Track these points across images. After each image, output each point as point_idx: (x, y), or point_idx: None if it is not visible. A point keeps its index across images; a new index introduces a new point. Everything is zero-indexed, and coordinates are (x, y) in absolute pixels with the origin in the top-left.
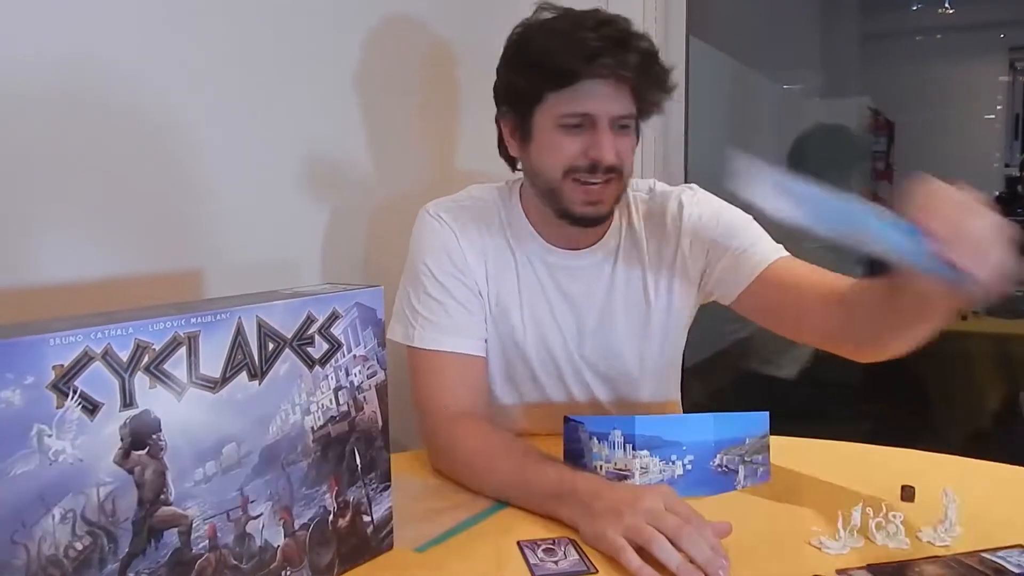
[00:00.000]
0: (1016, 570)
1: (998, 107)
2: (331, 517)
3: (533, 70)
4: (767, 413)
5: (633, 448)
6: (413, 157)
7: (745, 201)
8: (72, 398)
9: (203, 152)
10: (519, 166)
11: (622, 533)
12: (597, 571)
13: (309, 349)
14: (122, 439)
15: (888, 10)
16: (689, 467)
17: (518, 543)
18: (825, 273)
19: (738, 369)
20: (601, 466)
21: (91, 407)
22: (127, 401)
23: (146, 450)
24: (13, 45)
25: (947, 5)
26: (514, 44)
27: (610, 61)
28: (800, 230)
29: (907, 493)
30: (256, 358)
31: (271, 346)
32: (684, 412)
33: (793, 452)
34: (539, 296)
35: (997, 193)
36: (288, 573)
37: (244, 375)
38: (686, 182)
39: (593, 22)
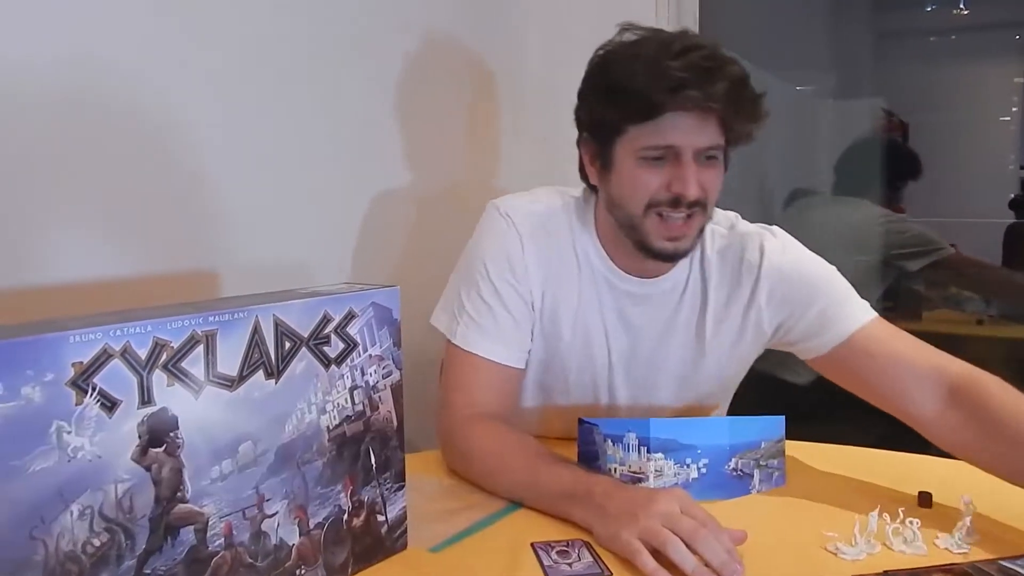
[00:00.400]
0: None
1: (1013, 109)
2: (346, 516)
3: (614, 101)
4: (783, 417)
5: (648, 451)
6: (431, 157)
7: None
8: (91, 395)
9: (220, 152)
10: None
11: (637, 535)
12: (611, 574)
13: (325, 348)
14: (140, 436)
15: (902, 10)
16: (704, 470)
17: (532, 544)
18: (923, 348)
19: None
20: (615, 468)
21: (109, 404)
22: (145, 399)
23: (163, 447)
24: (31, 47)
25: (962, 5)
26: (595, 70)
27: (695, 93)
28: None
29: (924, 499)
30: (273, 357)
31: (288, 345)
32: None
33: (809, 457)
34: (595, 316)
35: (1012, 196)
36: (303, 572)
37: (261, 374)
38: None
39: (678, 48)
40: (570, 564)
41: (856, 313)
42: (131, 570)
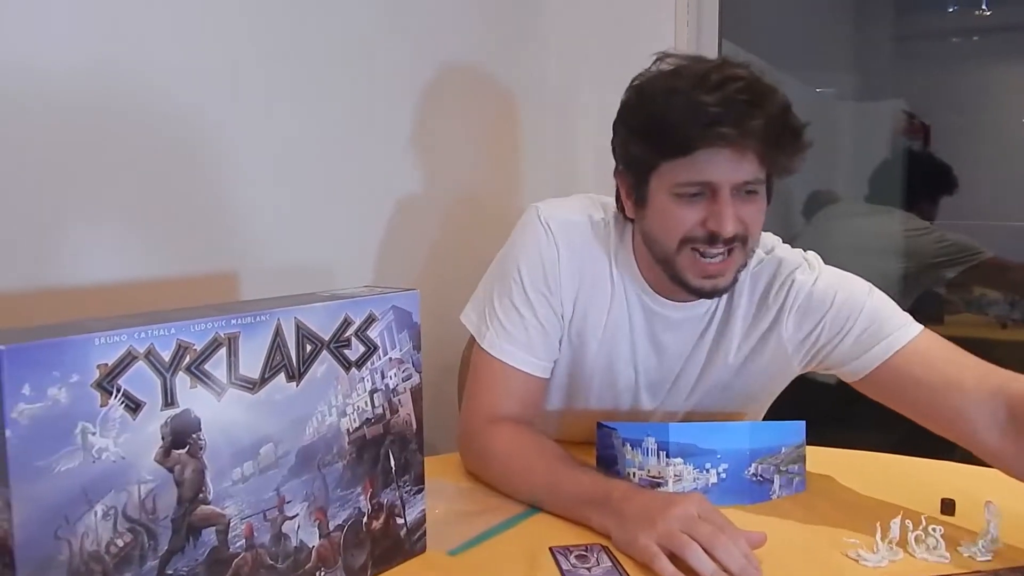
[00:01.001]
0: None
1: None
2: (365, 519)
3: (647, 136)
4: (803, 422)
5: (667, 455)
6: (452, 162)
7: None
8: (115, 397)
9: (243, 156)
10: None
11: (655, 540)
12: None
13: (346, 351)
14: (163, 438)
15: (923, 12)
16: (723, 476)
17: (551, 549)
18: (975, 366)
19: None
20: (634, 473)
21: (134, 406)
22: (168, 400)
23: (186, 449)
24: (59, 55)
25: (984, 6)
26: (629, 103)
27: (730, 131)
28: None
29: (947, 506)
30: (294, 359)
31: (309, 348)
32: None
33: (830, 463)
34: (624, 335)
35: None
36: (322, 574)
37: (282, 376)
38: None
39: (715, 81)
40: (589, 569)
41: (898, 332)
42: (153, 570)
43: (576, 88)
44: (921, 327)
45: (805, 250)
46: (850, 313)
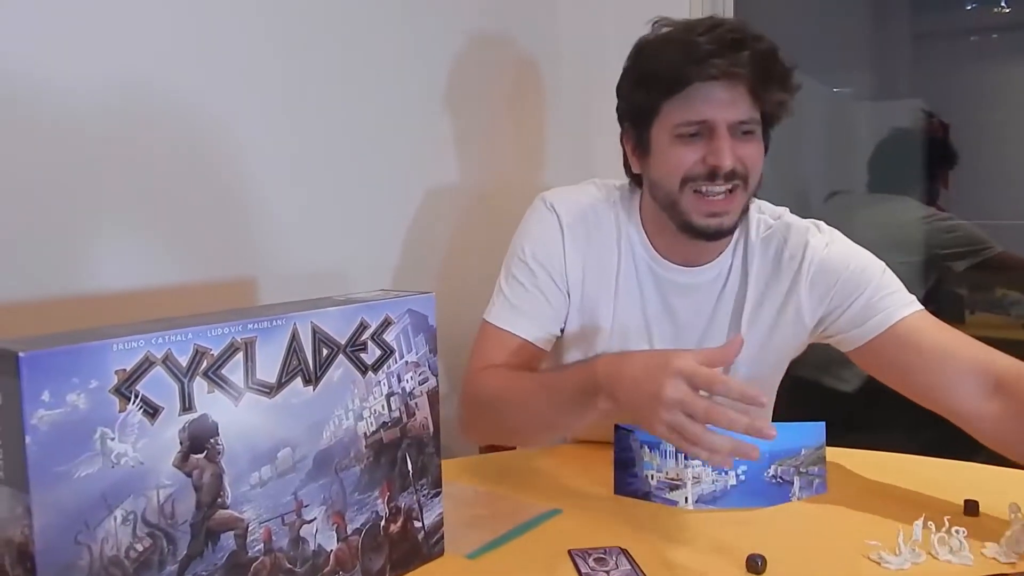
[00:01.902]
0: None
1: None
2: (383, 522)
3: (646, 82)
4: (823, 424)
5: (685, 457)
6: (469, 163)
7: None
8: (134, 402)
9: (259, 161)
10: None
11: (663, 435)
12: None
13: (362, 355)
14: (181, 443)
15: (941, 9)
16: (743, 477)
17: (569, 551)
18: (969, 342)
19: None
20: (652, 475)
21: (152, 411)
22: (186, 405)
23: (204, 454)
24: (76, 67)
25: (1003, 4)
26: (630, 60)
27: (721, 62)
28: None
29: (971, 507)
30: (311, 364)
31: (325, 352)
32: None
33: (850, 464)
34: (635, 305)
35: None
36: None
37: (299, 380)
38: None
39: (705, 27)
40: (607, 571)
41: (900, 304)
42: (173, 575)
43: (591, 90)
44: (921, 306)
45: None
46: (861, 279)
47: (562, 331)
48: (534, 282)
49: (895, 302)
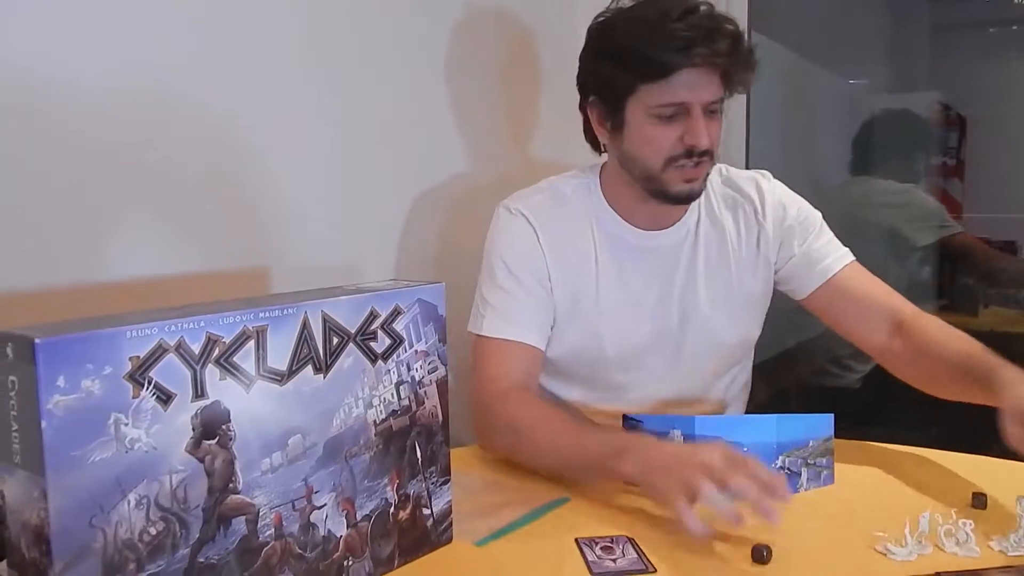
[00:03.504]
0: None
1: None
2: (392, 509)
3: (624, 63)
4: (831, 415)
5: None
6: (481, 153)
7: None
8: (147, 388)
9: (272, 152)
10: (604, 150)
11: (678, 489)
12: (656, 570)
13: (372, 344)
14: (194, 429)
15: (959, 1)
16: None
17: (576, 540)
18: (890, 293)
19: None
20: None
21: (165, 397)
22: (199, 392)
23: (216, 440)
24: (93, 61)
25: None
26: (599, 34)
27: (704, 51)
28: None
29: (978, 500)
30: (321, 352)
31: (335, 340)
32: (747, 413)
33: (858, 456)
34: (616, 279)
35: None
36: (350, 563)
37: (309, 368)
38: None
39: (679, 11)
40: (614, 560)
41: (837, 255)
42: (185, 559)
43: None
44: (853, 257)
45: None
46: (808, 220)
47: (554, 322)
48: (520, 287)
49: (832, 253)
